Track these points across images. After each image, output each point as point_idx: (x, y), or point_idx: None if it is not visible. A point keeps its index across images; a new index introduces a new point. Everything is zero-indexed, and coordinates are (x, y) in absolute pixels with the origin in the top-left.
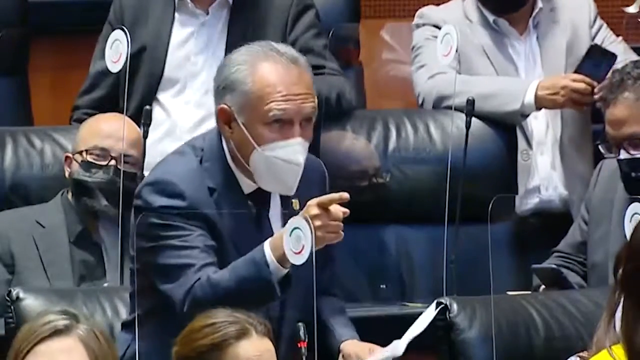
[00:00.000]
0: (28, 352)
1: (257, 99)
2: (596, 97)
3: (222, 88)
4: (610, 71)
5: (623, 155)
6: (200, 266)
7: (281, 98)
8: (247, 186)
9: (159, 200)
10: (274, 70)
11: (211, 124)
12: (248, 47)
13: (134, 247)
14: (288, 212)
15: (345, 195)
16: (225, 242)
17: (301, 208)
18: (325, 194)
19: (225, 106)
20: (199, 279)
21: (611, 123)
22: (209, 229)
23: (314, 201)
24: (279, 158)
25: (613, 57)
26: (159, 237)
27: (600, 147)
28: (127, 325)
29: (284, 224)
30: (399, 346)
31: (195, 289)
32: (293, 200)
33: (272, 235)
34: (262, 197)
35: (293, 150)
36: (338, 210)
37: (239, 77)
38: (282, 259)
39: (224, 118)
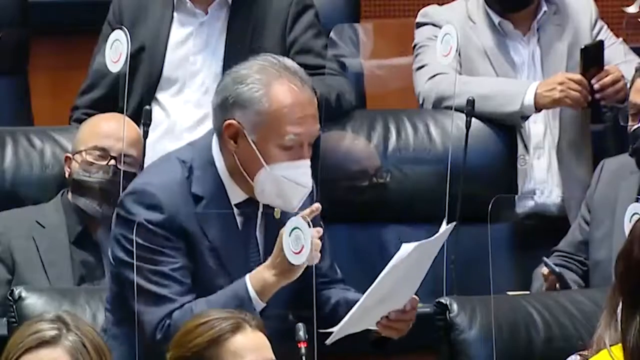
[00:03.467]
0: None
1: (273, 119)
2: (597, 95)
3: (232, 103)
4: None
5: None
6: (176, 302)
7: (297, 120)
8: (236, 196)
9: (138, 211)
10: (288, 91)
11: (210, 124)
12: (258, 64)
13: (112, 255)
14: (270, 221)
15: None
16: (206, 252)
17: (282, 217)
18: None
19: (234, 121)
20: (175, 309)
21: (638, 91)
22: (188, 246)
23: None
24: (289, 179)
25: (601, 43)
26: (138, 257)
27: (618, 115)
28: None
29: (265, 232)
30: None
31: (172, 319)
32: (275, 209)
33: (255, 243)
34: (250, 207)
35: (302, 173)
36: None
37: (253, 95)
38: (262, 293)
39: (231, 133)
